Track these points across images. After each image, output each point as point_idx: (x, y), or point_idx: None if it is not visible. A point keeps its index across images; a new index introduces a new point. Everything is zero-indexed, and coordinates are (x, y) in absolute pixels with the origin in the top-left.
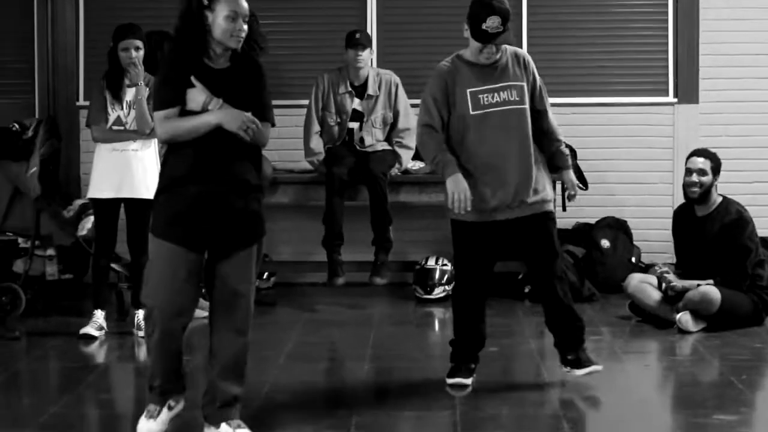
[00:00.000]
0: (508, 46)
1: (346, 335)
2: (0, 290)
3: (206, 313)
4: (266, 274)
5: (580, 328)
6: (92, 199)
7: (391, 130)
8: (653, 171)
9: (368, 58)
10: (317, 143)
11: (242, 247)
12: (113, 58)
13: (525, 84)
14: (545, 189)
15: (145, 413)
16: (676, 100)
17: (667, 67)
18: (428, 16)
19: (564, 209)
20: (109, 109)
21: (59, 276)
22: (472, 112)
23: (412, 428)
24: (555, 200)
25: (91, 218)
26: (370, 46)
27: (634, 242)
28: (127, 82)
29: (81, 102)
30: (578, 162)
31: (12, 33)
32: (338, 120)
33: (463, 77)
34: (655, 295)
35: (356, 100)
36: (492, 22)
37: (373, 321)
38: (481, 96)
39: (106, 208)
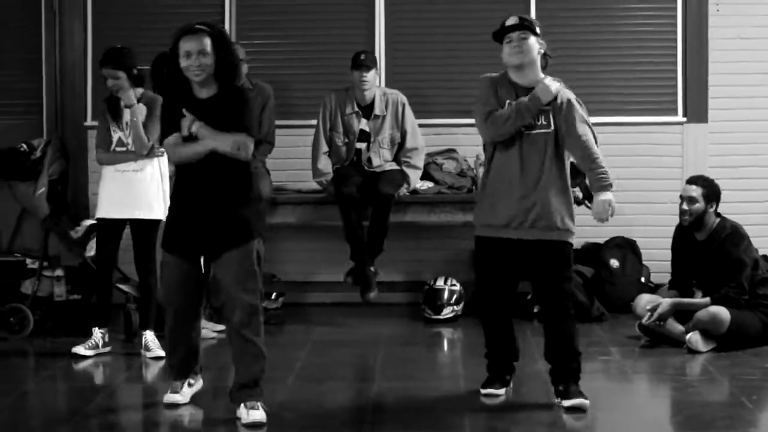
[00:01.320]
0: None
1: (355, 355)
2: (8, 311)
3: (213, 334)
4: (274, 294)
5: (576, 363)
6: (99, 219)
7: (399, 149)
8: (662, 190)
9: (374, 79)
10: (325, 163)
11: (230, 248)
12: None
13: (551, 108)
14: (565, 218)
15: (169, 389)
16: (685, 119)
17: (676, 86)
18: (436, 36)
19: None
20: (111, 131)
21: (67, 297)
22: None
23: None
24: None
25: None
26: (376, 66)
27: (643, 262)
28: (123, 103)
29: (89, 122)
30: (587, 181)
31: (20, 53)
32: (346, 140)
33: (507, 90)
34: None
35: (363, 121)
36: (510, 20)
37: (381, 341)
38: None
39: (109, 227)
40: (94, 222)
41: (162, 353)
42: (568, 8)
